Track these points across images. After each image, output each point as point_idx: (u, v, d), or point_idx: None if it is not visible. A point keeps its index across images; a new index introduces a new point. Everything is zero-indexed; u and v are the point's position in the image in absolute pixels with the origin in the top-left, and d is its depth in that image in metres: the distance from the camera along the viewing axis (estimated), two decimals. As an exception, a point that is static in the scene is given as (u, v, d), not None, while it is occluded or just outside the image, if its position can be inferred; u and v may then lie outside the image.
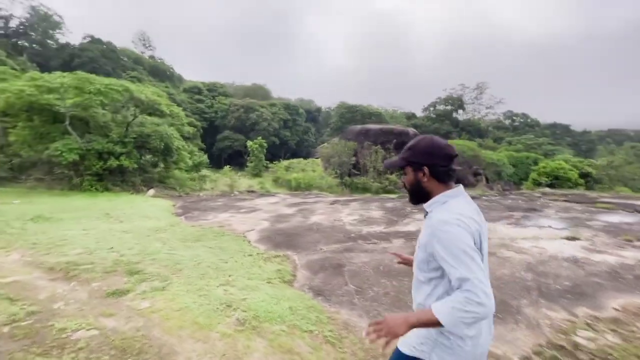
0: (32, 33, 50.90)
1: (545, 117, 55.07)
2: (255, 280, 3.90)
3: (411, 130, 31.79)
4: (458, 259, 1.10)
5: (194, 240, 5.90)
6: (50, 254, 5.09)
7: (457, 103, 53.07)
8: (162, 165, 16.37)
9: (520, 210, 9.00)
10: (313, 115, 59.11)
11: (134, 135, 14.50)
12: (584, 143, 50.14)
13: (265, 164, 35.17)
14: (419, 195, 1.35)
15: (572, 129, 52.43)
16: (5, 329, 2.75)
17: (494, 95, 53.08)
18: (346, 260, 4.72)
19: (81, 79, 12.40)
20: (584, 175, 19.55)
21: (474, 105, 56.20)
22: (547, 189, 16.42)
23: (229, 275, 4.04)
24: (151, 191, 14.32)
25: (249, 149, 34.62)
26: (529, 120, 53.33)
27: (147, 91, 14.57)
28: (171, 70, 59.23)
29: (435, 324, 1.08)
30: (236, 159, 44.24)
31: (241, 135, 45.46)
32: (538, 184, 19.17)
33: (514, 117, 55.03)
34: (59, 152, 11.85)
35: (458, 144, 34.93)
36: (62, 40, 51.53)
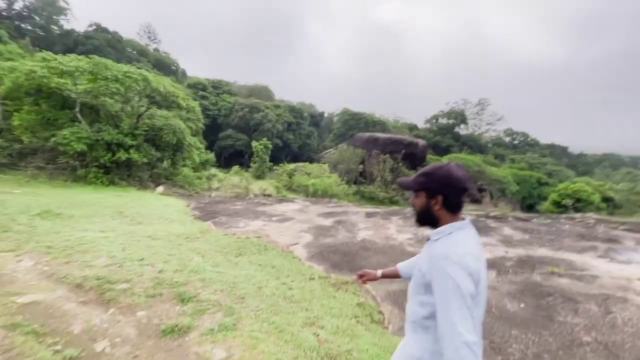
0: (36, 17, 49.34)
1: (538, 136, 55.43)
2: (342, 319, 3.11)
3: (421, 141, 31.33)
4: (447, 302, 1.10)
5: (235, 253, 5.07)
6: (72, 263, 4.21)
7: (460, 117, 53.10)
8: (169, 161, 15.40)
9: (597, 240, 7.73)
10: (316, 119, 58.47)
11: (145, 128, 13.54)
12: (580, 165, 50.50)
13: (268, 166, 34.32)
14: (427, 221, 1.35)
15: (570, 151, 52.87)
16: (42, 392, 1.91)
17: (495, 112, 53.19)
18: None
19: (97, 64, 11.44)
20: (606, 199, 19.18)
21: (475, 121, 56.34)
22: (578, 214, 15.82)
23: (305, 309, 3.24)
24: (160, 188, 13.38)
25: (253, 150, 33.73)
26: (529, 139, 53.65)
27: (165, 82, 13.66)
28: (176, 64, 58.14)
29: None
30: (236, 158, 43.21)
31: (244, 135, 44.54)
32: (559, 205, 18.68)
33: (514, 135, 55.29)
34: (67, 140, 10.85)
35: (463, 158, 34.63)
36: (67, 26, 50.12)
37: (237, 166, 25.35)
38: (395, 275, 1.85)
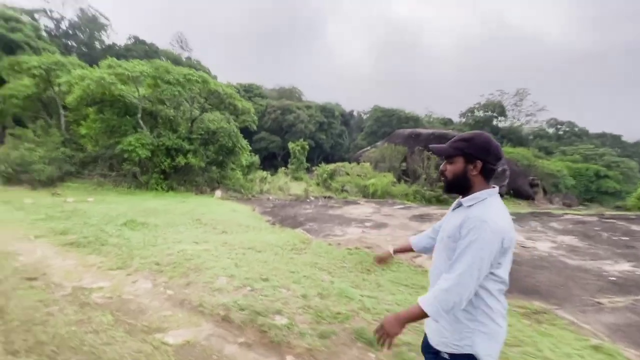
0: (80, 34, 51.96)
1: (586, 126, 51.12)
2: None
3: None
4: (469, 260, 1.13)
5: (361, 269, 4.31)
6: (193, 285, 3.61)
7: (498, 109, 50.14)
8: (222, 165, 15.06)
9: None
10: (345, 118, 57.45)
11: (200, 132, 13.23)
12: (637, 155, 46.07)
13: (305, 167, 33.79)
14: (460, 187, 1.32)
15: (624, 140, 48.41)
16: None
17: (535, 102, 49.60)
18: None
19: (159, 67, 11.23)
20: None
21: (513, 112, 53.00)
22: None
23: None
24: (218, 193, 13.01)
25: (290, 151, 33.32)
26: (575, 129, 49.69)
27: (222, 84, 13.30)
28: (207, 71, 59.22)
29: (422, 315, 1.19)
30: (269, 160, 43.13)
31: (277, 137, 44.41)
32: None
33: (559, 126, 51.45)
34: (132, 147, 10.67)
35: (510, 152, 32.39)
36: (108, 41, 52.38)
37: (283, 168, 24.89)
38: (408, 249, 1.77)
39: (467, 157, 1.27)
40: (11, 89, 14.40)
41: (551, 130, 51.36)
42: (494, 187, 1.29)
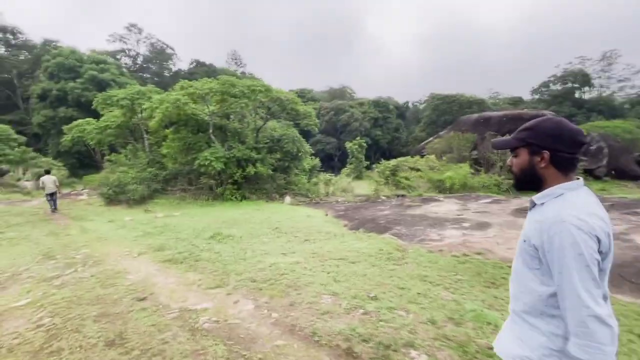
0: (152, 66, 58.41)
1: None
2: None
3: (548, 113, 25.95)
4: (569, 274, 0.92)
5: (484, 283, 3.56)
6: (297, 307, 3.28)
7: (581, 79, 43.33)
8: (287, 170, 15.16)
9: None
10: (400, 111, 55.05)
11: (266, 140, 13.45)
12: None
13: (365, 165, 32.98)
14: (529, 183, 1.13)
15: None
16: None
17: (630, 64, 41.47)
18: None
19: (224, 83, 11.70)
20: None
21: (601, 80, 45.21)
22: None
23: None
24: (287, 199, 13.04)
25: (348, 150, 32.85)
26: (689, 90, 40.58)
27: (283, 91, 13.46)
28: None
29: None
30: (327, 162, 43.12)
31: (332, 138, 44.30)
32: None
33: (664, 89, 42.56)
34: (208, 161, 11.22)
35: (605, 126, 27.58)
36: (174, 68, 58.05)
37: (346, 169, 24.57)
38: None
39: (532, 148, 1.10)
40: (106, 121, 16.39)
41: (655, 96, 42.64)
42: (577, 179, 1.07)
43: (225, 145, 12.77)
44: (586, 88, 44.15)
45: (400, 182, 21.44)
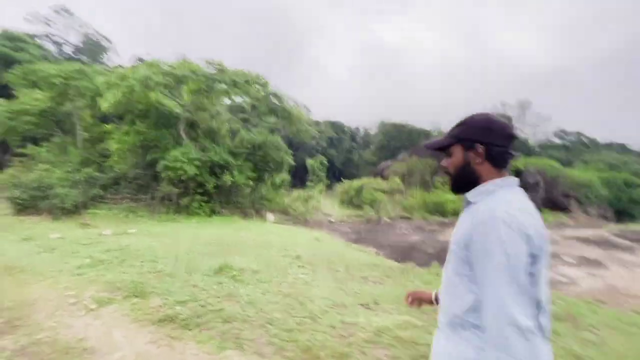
0: (84, 58, 50.40)
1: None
2: None
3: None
4: (493, 277, 0.81)
5: None
6: None
7: (506, 120, 49.38)
8: (266, 183, 12.95)
9: None
10: (352, 134, 56.18)
11: (247, 145, 11.17)
12: (647, 162, 45.28)
13: (326, 183, 31.80)
14: (467, 181, 1.00)
15: (630, 148, 47.85)
16: None
17: (539, 113, 49.01)
18: None
19: (215, 68, 9.15)
20: None
21: (517, 124, 52.41)
22: None
23: None
24: (270, 216, 10.87)
25: (309, 167, 31.42)
26: (582, 138, 49.12)
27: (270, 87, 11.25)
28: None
29: None
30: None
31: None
32: None
33: (565, 136, 50.88)
34: (179, 163, 8.52)
35: (534, 162, 30.99)
36: (112, 63, 50.85)
37: (318, 186, 22.88)
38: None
39: (466, 143, 0.99)
40: (22, 104, 12.29)
41: (559, 141, 50.63)
42: (508, 177, 0.97)
43: (195, 146, 10.15)
44: (508, 129, 50.49)
45: (365, 203, 20.62)
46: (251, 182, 10.96)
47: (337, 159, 46.44)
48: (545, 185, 26.57)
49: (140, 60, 50.87)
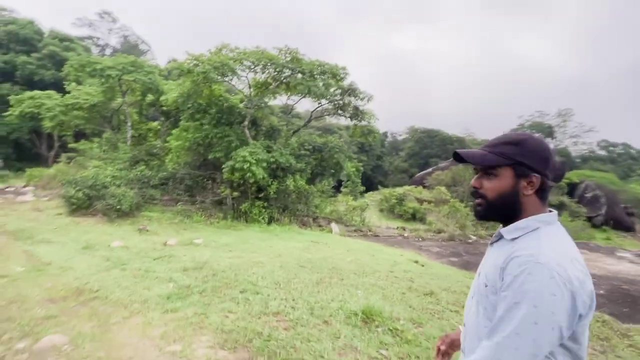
0: (124, 59, 51.53)
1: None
2: None
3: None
4: (515, 324, 0.67)
5: None
6: None
7: (546, 130, 46.28)
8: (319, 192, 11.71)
9: None
10: (381, 139, 54.53)
11: (308, 147, 9.98)
12: None
13: (360, 190, 30.43)
14: (505, 212, 0.83)
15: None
16: None
17: (581, 123, 45.47)
18: None
19: (292, 56, 7.95)
20: None
21: (557, 134, 48.99)
22: None
23: None
24: (335, 227, 9.57)
25: (345, 173, 30.19)
26: (631, 150, 45.18)
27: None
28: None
29: None
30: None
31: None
32: None
33: (611, 147, 47.01)
34: (247, 164, 7.41)
35: (590, 175, 28.18)
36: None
37: (367, 193, 21.56)
38: None
39: (520, 169, 0.81)
40: (75, 97, 11.72)
41: (603, 153, 46.85)
42: (550, 212, 0.82)
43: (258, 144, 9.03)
44: (548, 139, 47.27)
45: (407, 212, 18.99)
46: (314, 188, 9.74)
47: (368, 165, 44.93)
48: (608, 201, 23.80)
49: (175, 60, 51.38)
